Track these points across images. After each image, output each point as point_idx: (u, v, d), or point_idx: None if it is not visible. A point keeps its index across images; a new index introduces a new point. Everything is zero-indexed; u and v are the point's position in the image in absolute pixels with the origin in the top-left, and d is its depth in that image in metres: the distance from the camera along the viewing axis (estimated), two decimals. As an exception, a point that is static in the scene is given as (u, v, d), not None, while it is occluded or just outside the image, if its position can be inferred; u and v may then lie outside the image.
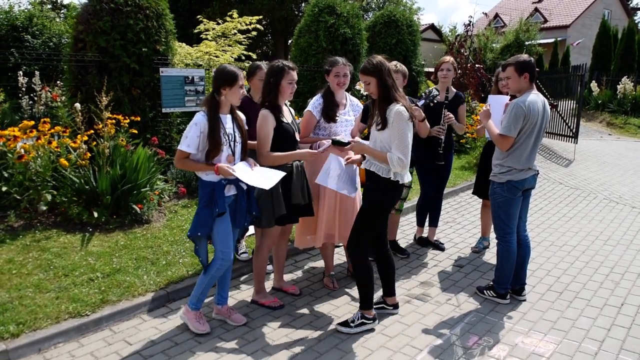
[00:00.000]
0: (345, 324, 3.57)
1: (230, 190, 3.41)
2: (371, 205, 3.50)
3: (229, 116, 3.41)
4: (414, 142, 4.89)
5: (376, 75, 3.33)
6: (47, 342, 3.24)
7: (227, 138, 3.33)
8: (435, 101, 4.56)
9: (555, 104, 11.84)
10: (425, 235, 5.47)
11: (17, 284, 3.76)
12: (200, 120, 3.25)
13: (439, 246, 5.28)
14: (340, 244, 4.86)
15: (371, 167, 3.45)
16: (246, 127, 3.55)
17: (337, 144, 3.53)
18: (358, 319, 3.57)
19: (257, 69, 4.24)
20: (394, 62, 4.57)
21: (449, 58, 4.96)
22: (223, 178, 3.32)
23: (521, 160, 3.81)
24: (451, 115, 4.75)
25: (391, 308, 3.85)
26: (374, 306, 3.70)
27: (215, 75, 3.35)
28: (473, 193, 5.25)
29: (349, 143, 3.51)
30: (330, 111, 4.01)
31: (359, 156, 3.61)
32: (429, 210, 5.31)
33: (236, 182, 3.40)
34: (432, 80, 5.35)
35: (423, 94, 4.63)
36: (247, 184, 3.39)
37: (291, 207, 3.67)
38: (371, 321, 3.60)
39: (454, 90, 5.02)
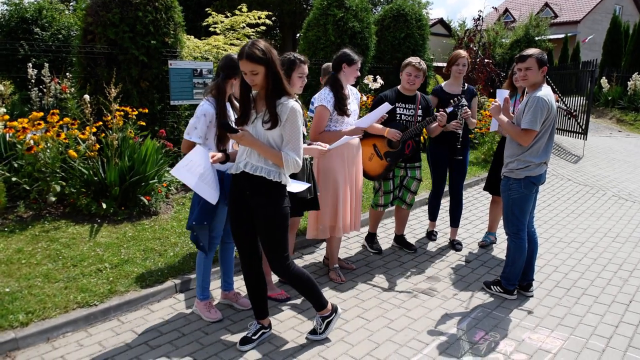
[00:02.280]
0: (313, 332, 3.38)
1: None
2: (281, 216, 3.04)
3: (228, 104, 3.44)
4: (434, 137, 4.95)
5: (265, 63, 2.79)
6: (55, 332, 3.27)
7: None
8: (464, 110, 4.58)
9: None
10: (436, 230, 5.47)
11: (27, 274, 3.79)
12: (209, 110, 3.28)
13: (455, 246, 5.20)
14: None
15: (257, 171, 2.95)
16: None
17: (225, 128, 2.94)
18: (320, 324, 3.36)
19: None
20: (416, 59, 4.55)
21: (464, 53, 4.91)
22: (228, 167, 3.35)
23: (539, 154, 3.77)
24: (468, 111, 4.71)
25: (268, 330, 3.38)
26: (253, 337, 3.27)
27: (225, 64, 3.35)
28: (485, 189, 5.21)
29: (237, 130, 2.90)
30: (343, 105, 4.03)
31: (221, 154, 3.18)
32: (451, 209, 5.25)
33: None
34: (444, 74, 5.28)
35: (452, 102, 4.59)
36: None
37: (296, 201, 3.66)
38: (332, 315, 3.38)
39: (467, 84, 5.00)
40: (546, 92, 3.69)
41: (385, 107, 4.20)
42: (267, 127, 2.88)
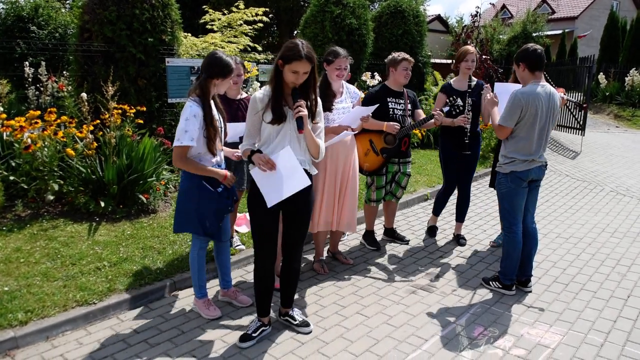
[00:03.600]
0: (306, 324, 3.45)
1: None
2: (310, 208, 3.31)
3: (212, 102, 3.38)
4: (443, 131, 4.98)
5: (314, 64, 2.95)
6: (54, 330, 3.27)
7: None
8: (459, 109, 4.59)
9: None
10: (437, 224, 5.48)
11: (25, 273, 3.79)
12: (197, 111, 3.20)
13: (459, 241, 5.22)
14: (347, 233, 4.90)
15: (303, 164, 3.09)
16: (224, 114, 3.56)
17: (295, 96, 3.01)
18: (299, 315, 3.52)
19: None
20: (406, 54, 4.57)
21: (472, 49, 4.89)
22: (216, 164, 3.39)
23: (525, 151, 3.81)
24: (469, 116, 4.73)
25: (268, 328, 3.39)
26: (253, 334, 3.28)
27: (209, 63, 3.27)
28: (490, 185, 5.19)
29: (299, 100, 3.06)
30: (325, 102, 4.02)
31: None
32: (457, 204, 5.26)
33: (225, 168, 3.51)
34: (451, 70, 5.32)
35: (447, 101, 4.60)
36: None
37: None
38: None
39: (475, 78, 4.95)
40: (528, 89, 3.74)
41: (364, 109, 4.14)
42: (310, 121, 3.05)
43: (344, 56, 4.04)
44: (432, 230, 5.45)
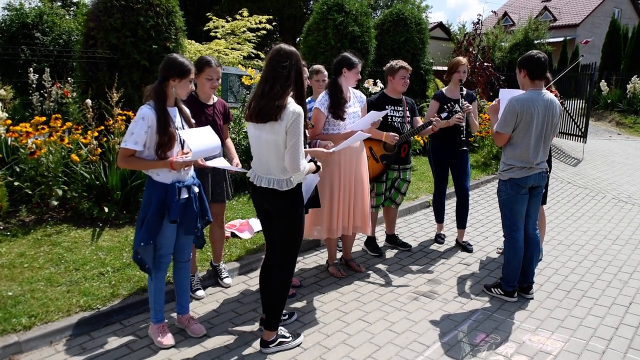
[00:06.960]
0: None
1: (183, 194, 3.17)
2: None
3: (175, 109, 3.21)
4: (433, 135, 5.02)
5: None
6: (58, 335, 3.29)
7: (177, 132, 3.13)
8: (465, 106, 4.71)
9: (561, 100, 11.63)
10: (443, 232, 5.50)
11: (29, 278, 3.81)
12: (147, 113, 3.02)
13: (466, 248, 5.23)
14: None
15: None
16: (193, 121, 3.36)
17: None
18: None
19: (206, 65, 3.72)
20: (404, 62, 4.63)
21: (464, 60, 5.03)
22: (176, 180, 3.13)
23: (522, 158, 3.83)
24: (470, 105, 4.81)
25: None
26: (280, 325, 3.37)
27: (164, 65, 3.11)
28: None
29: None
30: (338, 110, 4.06)
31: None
32: (457, 210, 5.28)
33: (190, 185, 3.23)
34: (444, 80, 5.38)
35: (445, 108, 4.77)
36: (199, 189, 3.31)
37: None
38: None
39: (465, 89, 5.07)
40: (524, 95, 3.78)
41: (377, 114, 4.15)
42: None
43: (360, 61, 4.14)
44: (438, 238, 5.47)
